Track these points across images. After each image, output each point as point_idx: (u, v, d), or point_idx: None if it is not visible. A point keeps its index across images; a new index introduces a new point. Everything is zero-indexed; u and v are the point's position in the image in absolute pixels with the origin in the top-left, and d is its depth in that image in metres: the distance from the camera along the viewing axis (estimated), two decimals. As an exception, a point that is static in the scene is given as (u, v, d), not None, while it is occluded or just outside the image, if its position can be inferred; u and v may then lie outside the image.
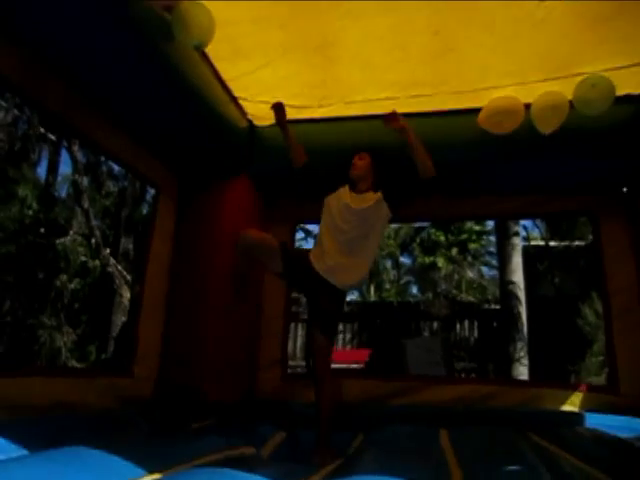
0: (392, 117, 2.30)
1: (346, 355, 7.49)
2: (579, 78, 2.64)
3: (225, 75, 2.92)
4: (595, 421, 2.92)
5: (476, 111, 2.89)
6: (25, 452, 1.56)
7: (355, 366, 6.70)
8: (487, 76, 2.78)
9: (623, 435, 2.48)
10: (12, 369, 3.19)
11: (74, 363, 7.84)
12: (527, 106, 2.81)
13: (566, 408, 3.25)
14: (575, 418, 3.05)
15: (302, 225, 10.19)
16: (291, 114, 3.32)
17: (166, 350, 3.29)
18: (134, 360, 3.11)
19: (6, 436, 1.64)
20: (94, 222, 8.55)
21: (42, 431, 1.86)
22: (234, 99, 3.16)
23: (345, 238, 2.33)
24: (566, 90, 2.70)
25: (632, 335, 3.30)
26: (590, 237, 7.46)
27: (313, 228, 11.23)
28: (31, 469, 1.31)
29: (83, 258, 9.18)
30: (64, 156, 9.46)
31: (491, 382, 4.43)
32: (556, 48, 2.55)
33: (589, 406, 3.20)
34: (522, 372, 6.32)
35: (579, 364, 6.87)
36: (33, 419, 2.06)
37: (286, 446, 2.43)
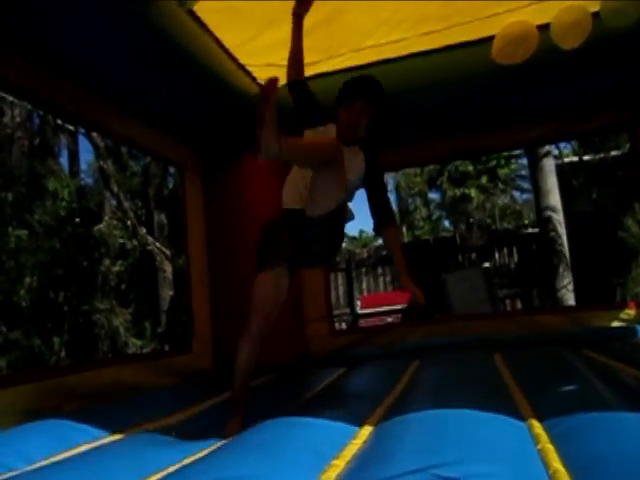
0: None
1: (388, 298, 7.62)
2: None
3: (227, 43, 2.85)
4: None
5: (491, 39, 2.73)
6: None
7: (398, 307, 6.83)
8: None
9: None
10: (81, 364, 3.39)
11: (134, 340, 8.30)
12: (545, 26, 2.63)
13: (617, 324, 3.25)
14: (627, 332, 3.05)
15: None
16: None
17: (216, 321, 3.44)
18: (193, 336, 3.27)
19: (86, 423, 1.77)
20: (125, 204, 8.76)
21: (120, 415, 2.00)
22: (241, 66, 3.09)
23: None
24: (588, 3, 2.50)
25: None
26: (627, 146, 7.12)
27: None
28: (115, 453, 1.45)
29: (121, 240, 9.49)
30: (83, 143, 9.59)
31: (540, 311, 4.45)
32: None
33: (640, 321, 3.19)
34: (568, 297, 6.28)
35: (625, 277, 6.76)
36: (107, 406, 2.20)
37: (347, 379, 2.54)
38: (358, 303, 8.08)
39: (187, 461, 1.37)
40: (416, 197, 15.10)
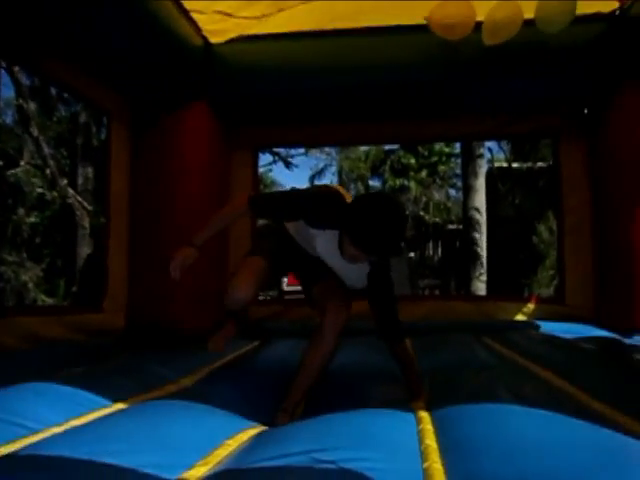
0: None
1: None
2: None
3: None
4: (544, 327, 3.18)
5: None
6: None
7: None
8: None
9: (566, 337, 2.75)
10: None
11: (43, 297, 7.80)
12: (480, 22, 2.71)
13: (519, 318, 3.52)
14: (526, 325, 3.31)
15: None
16: (251, 27, 3.15)
17: (134, 282, 3.30)
18: (104, 295, 3.12)
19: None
20: (47, 151, 8.10)
21: (12, 367, 1.87)
22: (185, 12, 2.92)
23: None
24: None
25: (581, 251, 3.52)
26: (551, 158, 7.63)
27: (280, 151, 11.01)
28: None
29: (39, 190, 8.81)
30: (4, 78, 8.70)
31: (452, 298, 4.70)
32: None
33: (539, 315, 3.47)
34: (480, 288, 6.69)
35: (532, 278, 7.33)
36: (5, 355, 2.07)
37: (261, 351, 2.53)
38: (285, 280, 8.09)
39: (74, 422, 1.30)
40: (358, 182, 15.29)
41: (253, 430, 1.32)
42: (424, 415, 1.27)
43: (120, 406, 1.48)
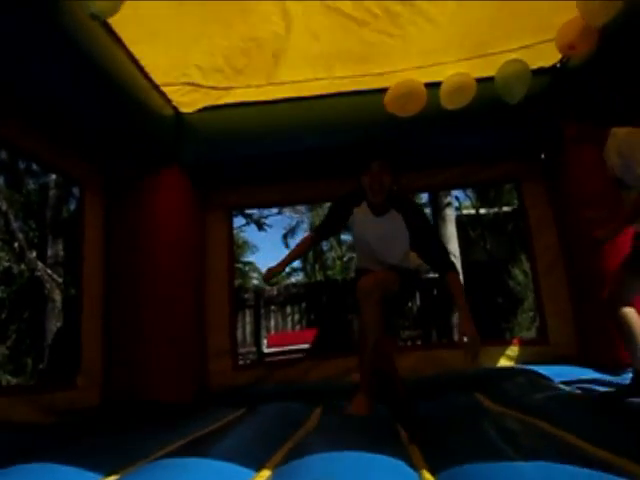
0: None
1: (295, 337, 7.55)
2: (492, 58, 2.79)
3: (143, 60, 2.77)
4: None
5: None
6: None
7: (304, 346, 6.78)
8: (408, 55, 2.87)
9: (555, 380, 2.69)
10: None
11: (9, 378, 7.34)
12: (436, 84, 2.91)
13: (504, 362, 3.50)
14: (515, 372, 3.24)
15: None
16: (219, 98, 3.26)
17: (108, 355, 3.16)
18: (78, 370, 2.97)
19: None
20: (15, 224, 7.93)
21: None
22: (156, 87, 3.02)
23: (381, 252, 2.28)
24: (477, 69, 2.83)
25: (557, 290, 3.58)
26: (515, 202, 7.92)
27: (252, 212, 11.10)
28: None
29: (6, 264, 8.54)
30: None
31: (436, 346, 4.65)
32: (470, 28, 2.67)
33: (525, 358, 3.45)
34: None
35: (512, 321, 7.36)
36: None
37: (247, 419, 2.40)
38: (265, 342, 7.90)
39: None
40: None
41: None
42: (428, 477, 1.21)
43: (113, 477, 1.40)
